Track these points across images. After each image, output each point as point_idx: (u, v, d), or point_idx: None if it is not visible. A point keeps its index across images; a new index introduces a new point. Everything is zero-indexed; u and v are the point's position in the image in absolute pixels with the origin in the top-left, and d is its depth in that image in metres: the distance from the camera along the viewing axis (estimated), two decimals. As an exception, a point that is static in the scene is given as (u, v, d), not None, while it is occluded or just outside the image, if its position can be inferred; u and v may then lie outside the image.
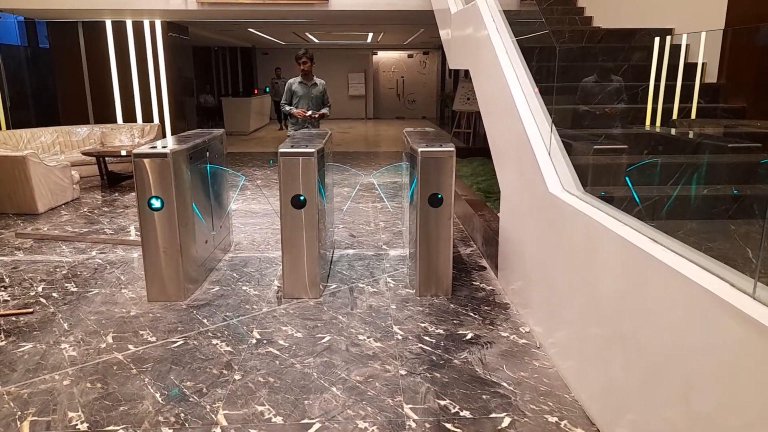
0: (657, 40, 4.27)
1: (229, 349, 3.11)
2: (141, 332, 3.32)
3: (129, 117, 10.53)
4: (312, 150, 3.62)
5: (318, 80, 6.00)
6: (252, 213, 6.27)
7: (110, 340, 3.21)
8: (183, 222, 3.74)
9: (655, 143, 3.95)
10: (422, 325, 3.41)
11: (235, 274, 4.28)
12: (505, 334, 3.28)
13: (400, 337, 3.24)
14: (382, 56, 19.28)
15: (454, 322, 3.45)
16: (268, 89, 16.82)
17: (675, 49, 4.43)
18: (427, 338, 3.23)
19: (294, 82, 5.97)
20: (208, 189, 4.30)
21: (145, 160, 3.57)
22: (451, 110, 12.55)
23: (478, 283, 4.09)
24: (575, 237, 2.68)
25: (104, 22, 10.02)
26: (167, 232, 3.66)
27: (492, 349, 3.10)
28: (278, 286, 4.01)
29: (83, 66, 10.30)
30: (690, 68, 4.56)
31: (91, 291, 3.96)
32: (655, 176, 3.53)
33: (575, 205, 2.69)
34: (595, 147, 3.37)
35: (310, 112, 5.89)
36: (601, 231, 2.38)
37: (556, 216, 2.93)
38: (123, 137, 9.05)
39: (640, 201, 3.16)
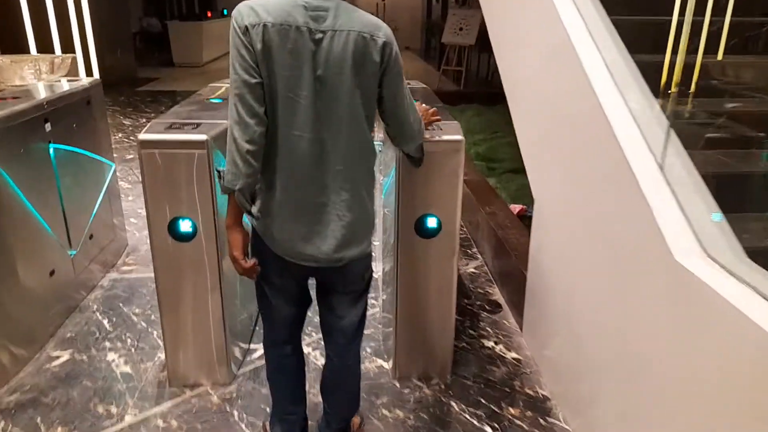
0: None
1: None
2: None
3: (45, 47, 8.45)
4: (202, 138, 1.96)
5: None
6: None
7: None
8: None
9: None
10: (402, 458, 1.92)
11: (106, 322, 2.69)
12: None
13: (361, 500, 1.75)
14: (361, -25, 16.86)
15: (459, 449, 1.96)
16: (226, 12, 14.46)
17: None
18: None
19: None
20: (55, 184, 2.64)
21: None
22: (440, 42, 10.64)
23: (491, 344, 2.58)
24: (724, 350, 1.16)
25: None
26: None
27: None
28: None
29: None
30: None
31: None
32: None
33: (737, 304, 1.14)
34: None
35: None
36: None
37: (680, 302, 1.39)
38: (25, 73, 7.10)
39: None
